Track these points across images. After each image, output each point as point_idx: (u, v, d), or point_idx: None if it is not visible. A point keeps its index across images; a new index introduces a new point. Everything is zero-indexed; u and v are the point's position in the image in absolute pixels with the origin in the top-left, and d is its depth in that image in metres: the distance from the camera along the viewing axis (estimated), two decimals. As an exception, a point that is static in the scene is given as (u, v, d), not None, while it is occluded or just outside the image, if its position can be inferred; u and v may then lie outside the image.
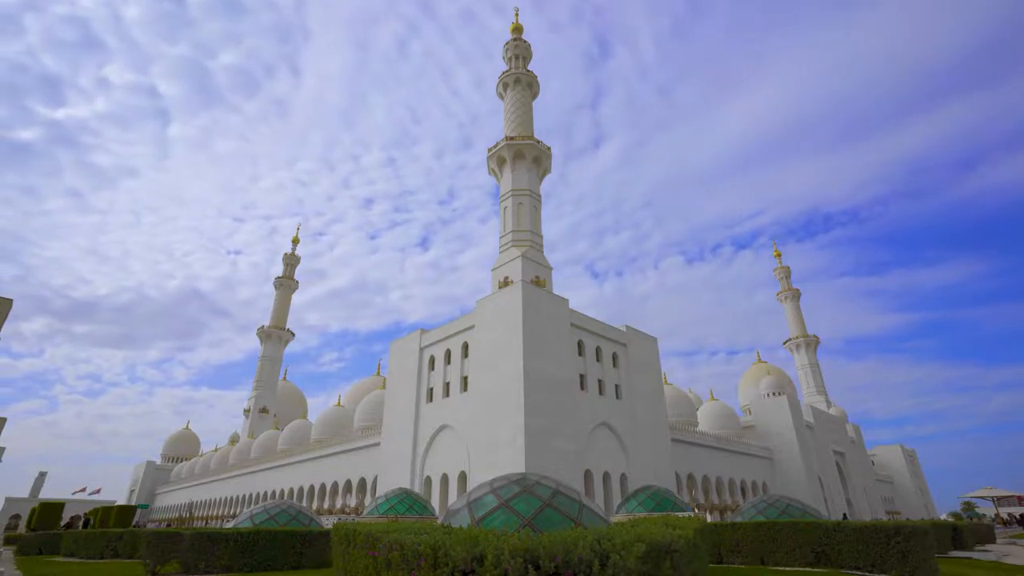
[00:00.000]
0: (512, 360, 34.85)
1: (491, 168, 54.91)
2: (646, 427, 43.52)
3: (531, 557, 5.87)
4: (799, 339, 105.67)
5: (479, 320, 39.45)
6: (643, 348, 47.19)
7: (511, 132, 55.43)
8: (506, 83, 59.11)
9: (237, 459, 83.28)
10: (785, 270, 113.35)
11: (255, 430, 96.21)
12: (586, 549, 6.04)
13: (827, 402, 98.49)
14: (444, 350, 42.76)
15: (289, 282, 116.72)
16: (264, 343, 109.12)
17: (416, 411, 42.95)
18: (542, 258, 48.83)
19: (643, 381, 45.33)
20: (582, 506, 10.71)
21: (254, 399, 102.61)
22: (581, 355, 40.65)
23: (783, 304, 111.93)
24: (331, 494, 54.87)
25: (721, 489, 55.69)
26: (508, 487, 11.06)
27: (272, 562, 17.91)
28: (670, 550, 6.97)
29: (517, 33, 62.39)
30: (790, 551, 17.83)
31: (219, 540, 17.43)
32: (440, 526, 8.92)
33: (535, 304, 37.01)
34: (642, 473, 40.78)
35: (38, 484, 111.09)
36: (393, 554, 7.07)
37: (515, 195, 50.75)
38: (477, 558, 6.03)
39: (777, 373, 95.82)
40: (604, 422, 39.82)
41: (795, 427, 63.73)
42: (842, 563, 16.81)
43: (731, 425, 67.22)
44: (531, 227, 49.52)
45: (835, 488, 69.15)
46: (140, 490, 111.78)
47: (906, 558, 15.52)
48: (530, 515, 9.96)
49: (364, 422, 58.40)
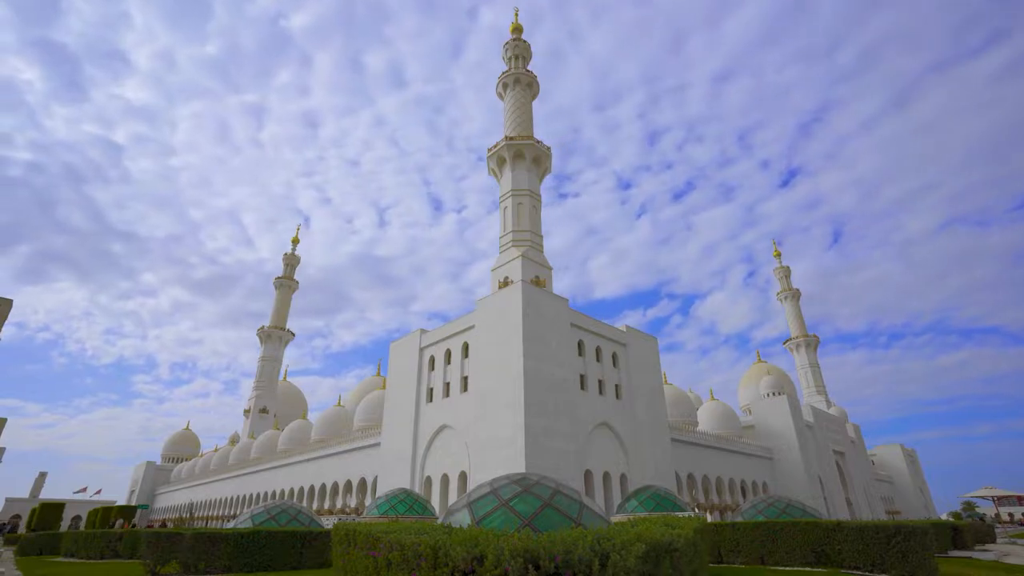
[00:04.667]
0: (512, 360, 34.86)
1: (491, 168, 54.95)
2: (646, 427, 43.53)
3: (531, 557, 5.87)
4: (799, 339, 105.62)
5: (479, 320, 39.46)
6: (643, 348, 47.21)
7: (511, 132, 55.43)
8: (506, 83, 59.13)
9: (237, 459, 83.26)
10: (785, 270, 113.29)
11: (255, 430, 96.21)
12: (586, 549, 6.04)
13: (827, 402, 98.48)
14: (444, 350, 42.77)
15: (289, 282, 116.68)
16: (264, 343, 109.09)
17: (416, 411, 42.96)
18: (542, 258, 48.84)
19: (643, 381, 45.34)
20: (582, 506, 10.72)
21: (254, 399, 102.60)
22: (581, 355, 40.66)
23: (783, 304, 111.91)
24: (331, 494, 54.86)
25: (721, 489, 55.71)
26: (508, 487, 11.08)
27: (272, 562, 17.92)
28: (670, 550, 6.98)
29: (517, 33, 62.36)
30: (790, 551, 17.84)
31: (219, 540, 17.45)
32: (440, 526, 8.93)
33: (535, 304, 37.02)
34: (642, 473, 40.79)
35: (38, 484, 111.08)
36: (393, 554, 7.08)
37: (515, 195, 50.78)
38: (477, 558, 6.04)
39: (777, 373, 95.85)
40: (604, 422, 39.83)
41: (795, 427, 63.76)
42: (842, 563, 16.82)
43: (731, 425, 67.21)
44: (531, 227, 49.55)
45: (835, 488, 69.14)
46: (140, 490, 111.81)
47: (906, 558, 15.53)
48: (530, 515, 9.97)
49: (364, 422, 58.42)
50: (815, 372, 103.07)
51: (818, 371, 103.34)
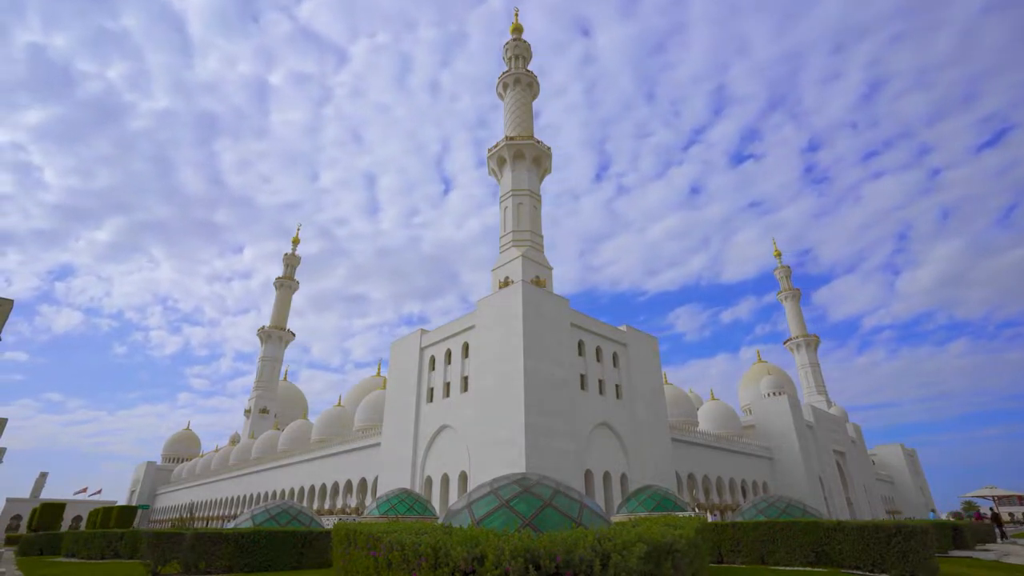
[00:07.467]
0: (512, 360, 34.86)
1: (491, 168, 54.95)
2: (646, 427, 43.52)
3: (532, 557, 5.87)
4: (799, 339, 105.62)
5: (479, 320, 39.46)
6: (643, 348, 47.19)
7: (511, 132, 55.43)
8: (506, 83, 59.14)
9: (238, 459, 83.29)
10: (785, 270, 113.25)
11: (255, 430, 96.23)
12: (587, 549, 6.04)
13: (827, 402, 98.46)
14: (444, 350, 42.76)
15: (289, 282, 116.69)
16: (264, 344, 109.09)
17: (416, 411, 42.95)
18: (542, 258, 48.84)
19: (643, 381, 45.32)
20: (583, 506, 10.72)
21: (254, 399, 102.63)
22: (581, 355, 40.65)
23: (783, 304, 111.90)
24: (331, 494, 54.87)
25: (721, 489, 55.69)
26: (508, 487, 11.07)
27: (272, 562, 17.91)
28: (671, 550, 6.98)
29: (517, 33, 62.38)
30: (790, 551, 17.83)
31: (220, 540, 17.44)
32: (440, 526, 8.93)
33: (535, 304, 37.02)
34: (642, 473, 40.78)
35: (39, 484, 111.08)
36: (394, 554, 7.08)
37: (515, 195, 50.78)
38: (478, 558, 6.03)
39: (777, 373, 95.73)
40: (604, 422, 39.82)
41: (795, 427, 63.74)
42: (842, 563, 16.81)
43: (731, 425, 67.23)
44: (531, 227, 49.56)
45: (835, 488, 69.11)
46: (141, 491, 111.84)
47: (906, 557, 15.51)
48: (531, 515, 9.97)
49: (364, 422, 58.40)
50: (815, 372, 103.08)
51: (818, 371, 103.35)
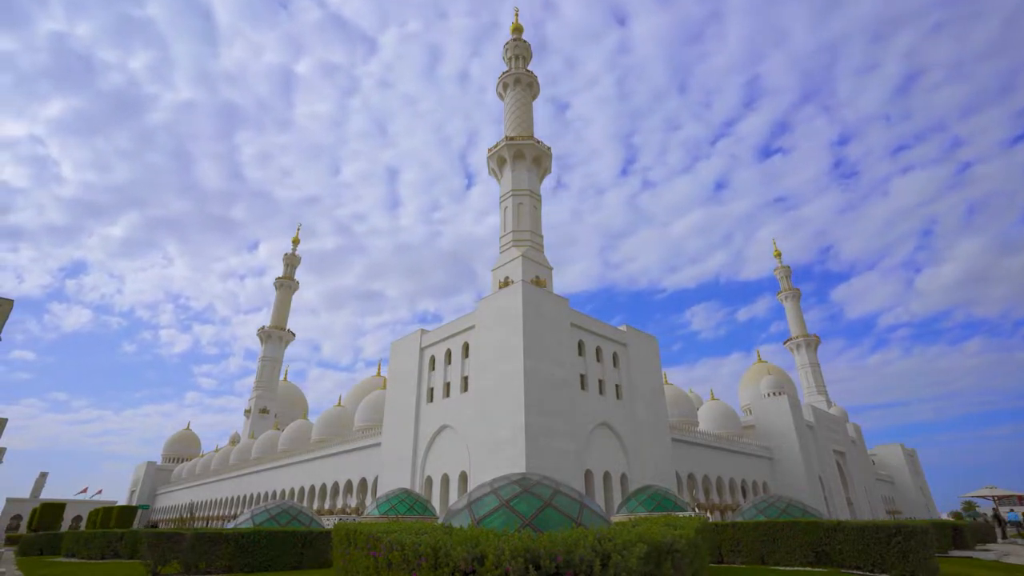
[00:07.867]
0: (512, 360, 34.85)
1: (491, 168, 54.95)
2: (646, 427, 43.51)
3: (532, 557, 5.86)
4: (799, 339, 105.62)
5: (479, 320, 39.45)
6: (643, 348, 47.18)
7: (511, 132, 55.44)
8: (506, 83, 59.15)
9: (238, 459, 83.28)
10: (785, 270, 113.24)
11: (255, 430, 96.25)
12: (587, 549, 6.03)
13: (828, 402, 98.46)
14: (444, 350, 42.76)
15: (289, 282, 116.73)
16: (264, 344, 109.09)
17: (416, 411, 42.95)
18: (542, 258, 48.84)
19: (643, 381, 45.32)
20: (583, 506, 10.72)
21: (254, 400, 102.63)
22: (581, 355, 40.65)
23: (783, 304, 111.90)
24: (332, 494, 54.87)
25: (722, 489, 55.68)
26: (509, 487, 11.07)
27: (273, 562, 17.92)
28: (671, 550, 6.98)
29: (517, 33, 62.38)
30: (790, 551, 17.84)
31: (220, 540, 17.45)
32: (440, 526, 8.92)
33: (535, 304, 37.01)
34: (642, 473, 40.77)
35: (39, 485, 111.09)
36: (394, 554, 7.08)
37: (515, 195, 50.79)
38: (478, 558, 6.03)
39: (777, 373, 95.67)
40: (604, 422, 39.82)
41: (795, 427, 63.73)
42: (842, 563, 16.81)
43: (731, 425, 67.22)
44: (531, 227, 49.56)
45: (836, 488, 69.11)
46: (141, 491, 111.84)
47: (906, 557, 15.52)
48: (531, 515, 9.96)
49: (364, 422, 58.40)
50: (815, 372, 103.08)
51: (818, 371, 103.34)
